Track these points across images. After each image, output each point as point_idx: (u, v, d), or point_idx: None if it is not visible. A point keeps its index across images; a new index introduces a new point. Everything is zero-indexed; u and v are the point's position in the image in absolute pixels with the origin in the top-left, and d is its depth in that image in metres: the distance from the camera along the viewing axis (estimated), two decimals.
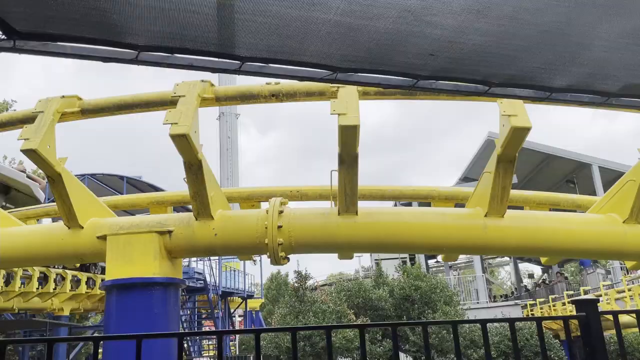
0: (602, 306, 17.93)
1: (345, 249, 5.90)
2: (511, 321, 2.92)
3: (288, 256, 5.63)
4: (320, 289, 22.95)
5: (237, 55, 2.54)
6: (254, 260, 25.71)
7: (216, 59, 2.58)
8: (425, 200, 7.71)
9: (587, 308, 2.91)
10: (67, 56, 2.43)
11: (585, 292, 21.30)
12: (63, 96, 5.67)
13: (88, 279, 16.19)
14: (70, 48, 2.42)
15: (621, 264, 23.54)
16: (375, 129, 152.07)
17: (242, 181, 50.29)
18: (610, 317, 3.12)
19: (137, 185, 21.67)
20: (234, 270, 28.43)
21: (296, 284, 16.36)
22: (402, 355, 15.85)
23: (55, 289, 14.81)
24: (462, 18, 2.33)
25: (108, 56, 2.47)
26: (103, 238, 5.54)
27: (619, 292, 19.01)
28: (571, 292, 24.37)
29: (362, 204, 5.69)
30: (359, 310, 15.86)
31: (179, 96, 5.26)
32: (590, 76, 3.00)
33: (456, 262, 36.69)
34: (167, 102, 5.56)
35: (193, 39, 2.46)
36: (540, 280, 38.62)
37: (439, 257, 29.22)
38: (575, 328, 3.36)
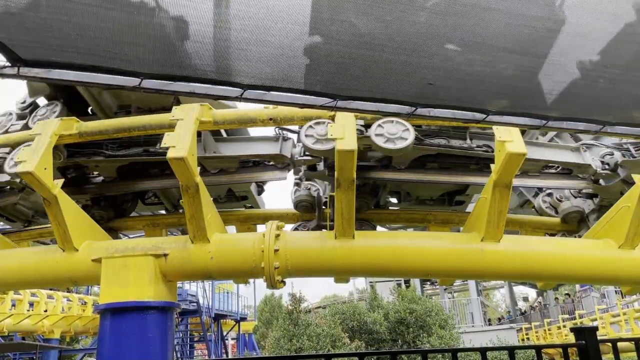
0: None
1: (341, 273, 5.87)
2: (511, 349, 2.91)
3: (284, 280, 5.60)
4: (315, 311, 22.73)
5: (239, 83, 2.57)
6: (247, 282, 25.49)
7: (218, 87, 2.61)
8: (421, 223, 7.69)
9: (586, 336, 2.90)
10: (70, 83, 2.45)
11: (581, 317, 21.21)
12: (61, 118, 5.68)
13: None
14: (74, 75, 2.44)
15: (615, 287, 23.51)
16: None
17: None
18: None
19: None
20: (227, 292, 28.16)
21: (290, 307, 16.19)
22: None
23: (46, 311, 14.63)
24: (461, 49, 2.37)
25: (111, 83, 2.50)
26: (98, 261, 5.48)
27: (613, 316, 18.94)
28: (566, 316, 24.26)
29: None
30: (354, 334, 15.69)
31: (177, 119, 5.29)
32: (586, 105, 3.05)
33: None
34: (165, 126, 5.58)
35: (194, 67, 2.49)
36: (536, 303, 38.44)
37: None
38: (572, 352, 3.36)
